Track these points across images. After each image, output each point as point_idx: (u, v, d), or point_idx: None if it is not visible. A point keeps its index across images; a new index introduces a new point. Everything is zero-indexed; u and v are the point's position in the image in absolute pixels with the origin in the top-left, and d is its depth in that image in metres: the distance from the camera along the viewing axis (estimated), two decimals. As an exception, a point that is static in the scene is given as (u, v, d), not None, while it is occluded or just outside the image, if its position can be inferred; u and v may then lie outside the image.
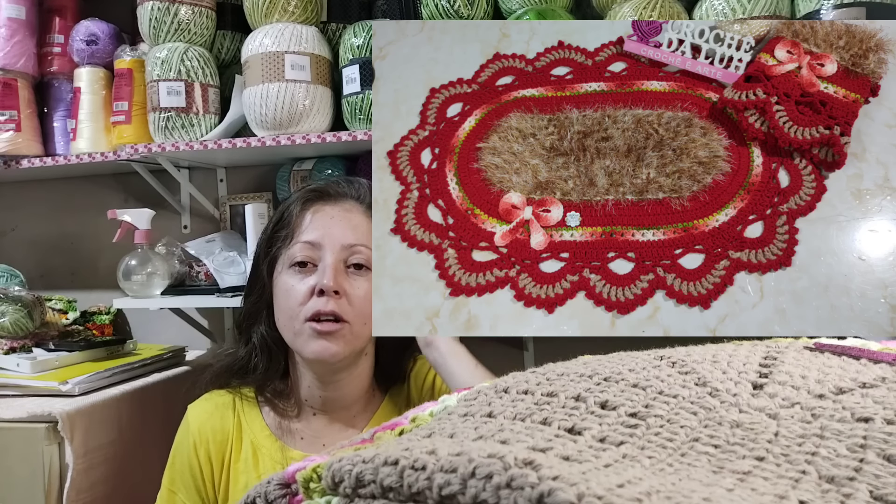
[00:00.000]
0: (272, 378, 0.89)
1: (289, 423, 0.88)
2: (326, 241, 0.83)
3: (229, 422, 0.88)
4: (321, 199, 0.88)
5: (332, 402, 0.88)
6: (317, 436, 0.88)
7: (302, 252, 0.83)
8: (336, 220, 0.85)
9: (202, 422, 0.88)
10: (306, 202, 0.88)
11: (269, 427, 0.88)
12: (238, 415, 0.88)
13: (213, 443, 0.86)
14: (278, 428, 0.88)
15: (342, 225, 0.85)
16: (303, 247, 0.84)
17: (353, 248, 0.84)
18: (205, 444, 0.86)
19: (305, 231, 0.85)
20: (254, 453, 0.86)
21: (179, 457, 0.88)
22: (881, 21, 0.98)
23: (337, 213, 0.86)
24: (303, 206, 0.87)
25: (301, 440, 0.88)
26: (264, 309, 0.89)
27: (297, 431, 0.88)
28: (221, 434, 0.87)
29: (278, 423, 0.88)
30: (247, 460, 0.86)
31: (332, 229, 0.84)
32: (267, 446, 0.86)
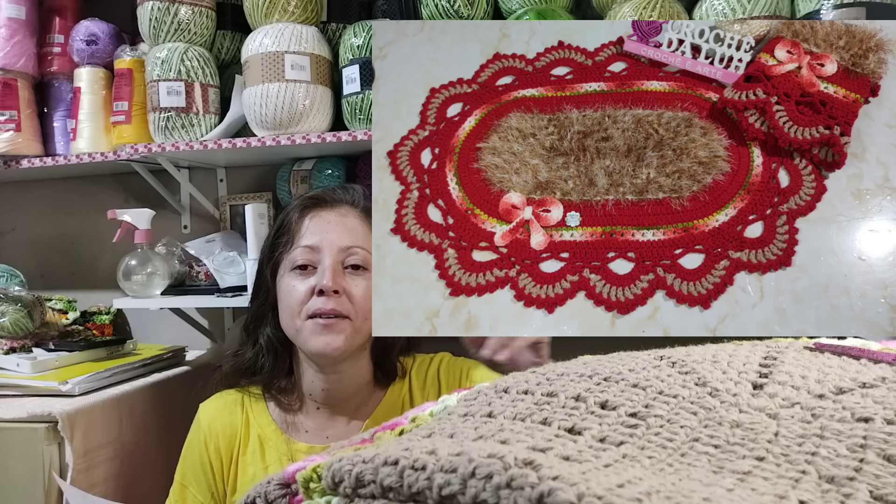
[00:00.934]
0: (278, 376, 0.94)
1: (293, 418, 0.93)
2: (324, 244, 0.88)
3: (238, 418, 0.93)
4: (318, 206, 0.93)
5: (334, 396, 0.92)
6: (320, 428, 0.92)
7: (302, 255, 0.88)
8: (333, 224, 0.90)
9: (213, 418, 0.93)
10: (304, 209, 0.92)
11: (276, 422, 0.93)
12: (246, 411, 0.93)
13: (224, 437, 0.92)
14: (284, 422, 0.93)
15: (339, 229, 0.90)
16: (303, 251, 0.89)
17: (350, 249, 0.88)
18: (215, 439, 0.91)
19: (304, 236, 0.90)
20: (261, 446, 0.91)
21: (191, 452, 0.93)
22: (881, 21, 0.98)
23: (333, 217, 0.91)
24: (301, 212, 0.92)
25: (306, 433, 0.92)
26: (269, 311, 0.93)
27: (302, 425, 0.93)
28: (231, 429, 0.92)
29: (283, 418, 0.93)
30: (254, 453, 0.91)
31: (329, 233, 0.89)
32: (273, 439, 0.91)
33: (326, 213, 0.91)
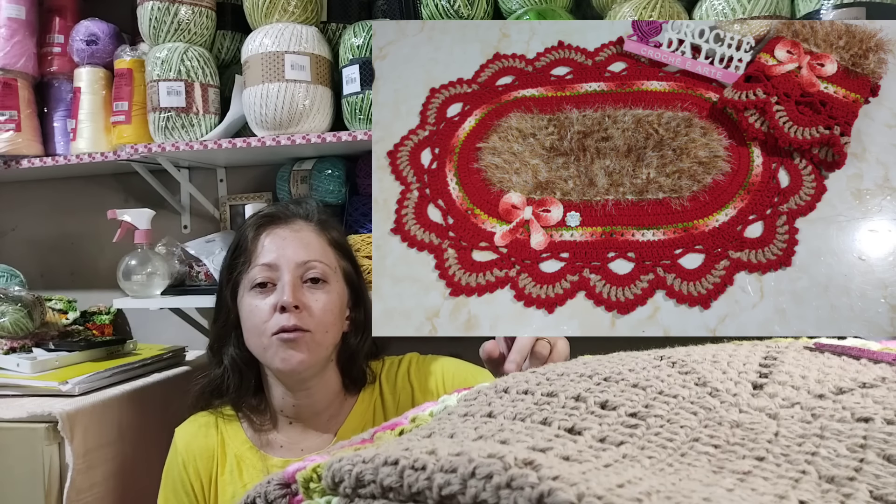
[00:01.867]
0: (245, 395, 0.95)
1: (267, 436, 0.94)
2: (282, 261, 0.89)
3: (213, 439, 0.94)
4: (272, 223, 0.93)
5: (305, 410, 0.93)
6: (294, 443, 0.93)
7: (261, 274, 0.89)
8: (288, 240, 0.91)
9: (188, 442, 0.94)
10: (259, 227, 0.93)
11: (250, 440, 0.94)
12: (221, 432, 0.94)
13: (201, 459, 0.93)
14: (258, 440, 0.94)
15: (294, 245, 0.90)
16: (261, 269, 0.89)
17: (307, 263, 0.90)
18: (193, 462, 0.93)
19: (261, 254, 0.90)
20: (238, 465, 0.92)
21: (171, 477, 0.94)
22: (881, 21, 0.98)
23: (288, 234, 0.92)
24: (256, 231, 0.93)
25: (280, 448, 0.93)
26: (232, 331, 0.94)
27: (276, 441, 0.94)
28: (207, 451, 0.93)
29: (257, 437, 0.94)
30: (232, 472, 0.92)
31: (285, 250, 0.90)
32: (249, 457, 0.92)
33: (281, 230, 0.92)
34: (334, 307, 0.90)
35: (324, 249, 0.92)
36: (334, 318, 0.91)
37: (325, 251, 0.92)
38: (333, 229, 0.97)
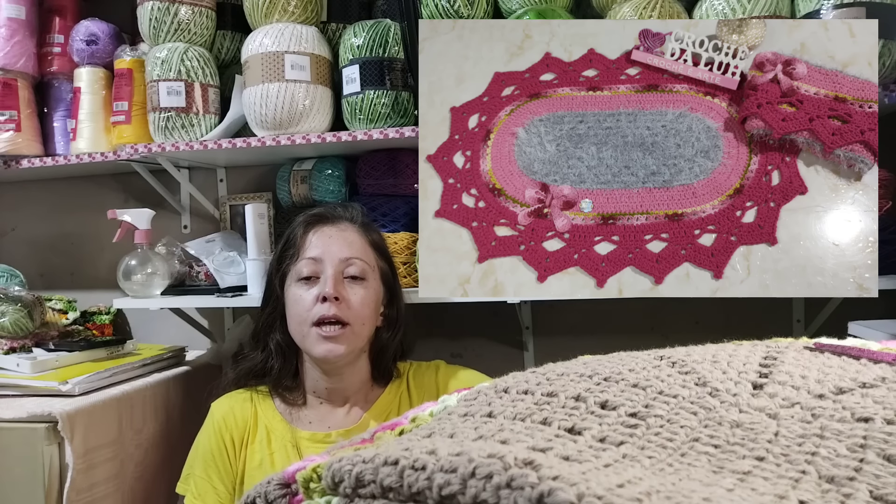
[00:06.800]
0: (285, 377, 1.03)
1: (298, 412, 1.03)
2: (326, 255, 0.99)
3: (247, 411, 1.02)
4: (320, 222, 1.03)
5: (336, 393, 1.02)
6: (322, 420, 1.02)
7: (307, 267, 0.99)
8: (333, 238, 1.01)
9: (224, 412, 1.02)
10: (308, 225, 1.03)
11: (282, 414, 1.02)
12: (255, 405, 1.03)
13: (236, 428, 1.01)
14: (289, 415, 1.03)
15: (339, 242, 1.00)
16: (307, 262, 0.99)
17: (349, 260, 0.99)
18: (228, 428, 1.01)
19: (308, 249, 1.00)
20: (267, 435, 1.01)
21: (205, 444, 1.01)
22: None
23: (334, 232, 1.02)
24: (305, 228, 1.03)
25: (310, 423, 1.02)
26: (278, 319, 1.03)
27: (306, 417, 1.03)
28: (242, 421, 1.01)
29: (289, 411, 1.03)
30: (261, 441, 1.00)
31: (330, 246, 1.00)
32: (279, 429, 1.01)
33: (327, 228, 1.02)
34: (371, 302, 0.99)
35: (365, 249, 1.02)
36: (370, 312, 0.99)
37: (366, 251, 1.02)
38: (375, 232, 1.07)
